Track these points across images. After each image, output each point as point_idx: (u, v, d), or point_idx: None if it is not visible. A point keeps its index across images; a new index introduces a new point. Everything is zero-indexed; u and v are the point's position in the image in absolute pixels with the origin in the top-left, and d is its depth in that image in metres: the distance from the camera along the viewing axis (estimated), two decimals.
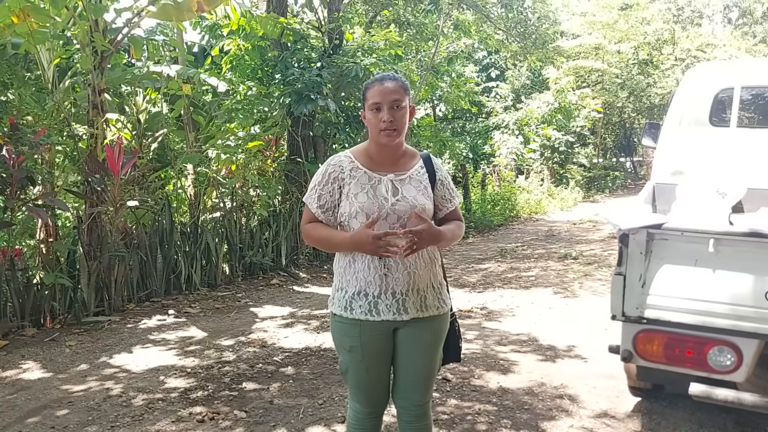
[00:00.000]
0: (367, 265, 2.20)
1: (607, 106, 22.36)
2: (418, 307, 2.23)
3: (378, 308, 2.20)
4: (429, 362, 2.31)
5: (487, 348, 4.83)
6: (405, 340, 2.27)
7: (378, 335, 2.23)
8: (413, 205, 2.21)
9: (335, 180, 2.24)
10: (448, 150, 14.97)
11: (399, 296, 2.20)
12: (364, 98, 2.23)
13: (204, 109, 8.33)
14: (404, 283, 2.20)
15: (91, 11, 5.91)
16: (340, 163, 2.26)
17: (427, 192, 2.28)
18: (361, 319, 2.21)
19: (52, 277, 5.49)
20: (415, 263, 2.22)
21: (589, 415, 3.60)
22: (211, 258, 7.20)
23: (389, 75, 2.24)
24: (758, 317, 2.59)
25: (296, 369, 4.41)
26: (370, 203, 2.19)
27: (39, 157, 6.14)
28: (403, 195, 2.22)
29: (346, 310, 2.24)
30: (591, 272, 7.75)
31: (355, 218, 2.20)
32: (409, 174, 2.28)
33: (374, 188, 2.22)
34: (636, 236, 2.79)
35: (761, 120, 5.22)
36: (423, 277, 2.24)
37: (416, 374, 2.31)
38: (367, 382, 2.31)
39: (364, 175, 2.24)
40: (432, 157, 2.39)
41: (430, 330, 2.28)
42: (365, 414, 2.37)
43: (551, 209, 16.06)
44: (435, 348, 2.33)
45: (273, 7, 8.99)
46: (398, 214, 2.19)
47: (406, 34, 12.79)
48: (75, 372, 4.44)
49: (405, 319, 2.22)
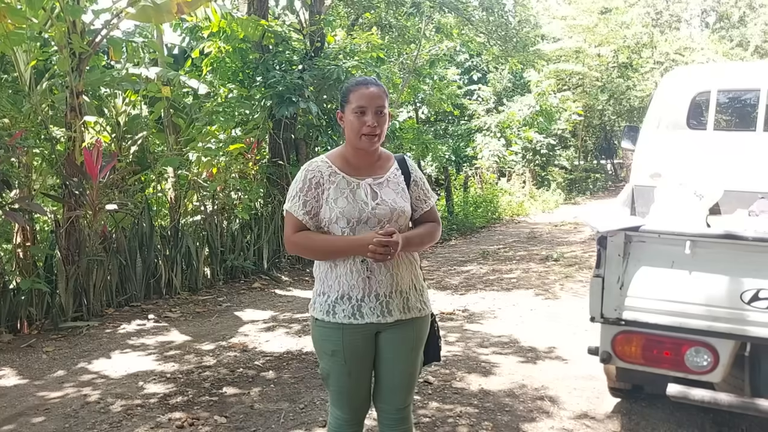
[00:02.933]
0: (350, 269, 2.20)
1: (588, 108, 22.56)
2: (401, 308, 2.25)
3: (362, 311, 2.21)
4: (411, 365, 2.32)
5: (469, 350, 4.84)
6: (388, 342, 2.27)
7: (361, 339, 2.24)
8: (393, 209, 2.23)
9: (317, 185, 2.23)
10: (430, 152, 15.01)
11: (383, 298, 2.21)
12: (346, 100, 2.20)
13: (184, 112, 8.26)
14: (387, 285, 2.21)
15: (69, 12, 5.83)
16: (319, 168, 2.25)
17: (405, 194, 2.30)
18: (344, 323, 2.21)
19: (29, 282, 5.40)
20: (397, 264, 2.23)
21: (570, 416, 3.62)
22: (191, 262, 7.14)
23: (372, 80, 2.24)
24: (734, 318, 2.62)
25: (277, 373, 4.39)
26: (350, 208, 2.19)
27: (15, 160, 6.04)
28: (382, 198, 2.23)
29: (328, 314, 2.23)
30: (572, 274, 7.80)
31: (335, 223, 2.20)
32: (386, 177, 2.30)
33: (353, 193, 2.22)
34: (614, 238, 2.81)
35: (737, 123, 5.30)
36: (405, 279, 2.27)
37: (399, 378, 2.31)
38: (348, 387, 2.29)
39: (342, 180, 2.24)
40: (406, 158, 2.41)
41: (412, 332, 2.29)
42: (346, 421, 2.35)
43: (533, 211, 16.16)
44: (417, 350, 2.34)
45: (254, 9, 8.95)
46: (378, 218, 2.20)
47: (388, 36, 12.80)
48: (52, 378, 4.37)
49: (389, 321, 2.23)
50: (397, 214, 2.24)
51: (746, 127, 4.49)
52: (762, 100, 4.10)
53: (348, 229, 2.19)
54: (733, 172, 3.94)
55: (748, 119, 4.49)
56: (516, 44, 15.24)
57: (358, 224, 2.19)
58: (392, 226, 2.19)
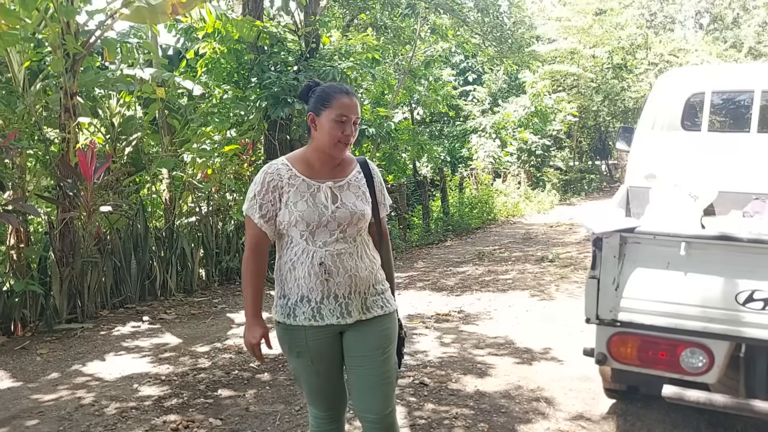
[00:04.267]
0: (308, 271, 2.19)
1: (583, 109, 22.61)
2: (360, 309, 2.25)
3: (321, 313, 2.21)
4: (382, 365, 2.27)
5: (465, 351, 4.84)
6: (351, 343, 2.27)
7: (324, 339, 2.24)
8: (353, 212, 2.23)
9: (275, 189, 2.21)
10: (426, 153, 15.00)
11: (341, 299, 2.21)
12: (327, 105, 2.19)
13: (179, 113, 8.24)
14: (346, 287, 2.21)
15: (63, 13, 5.81)
16: (278, 171, 2.24)
17: (366, 197, 2.31)
18: (305, 326, 2.22)
19: (22, 284, 5.38)
20: (356, 266, 2.23)
21: (565, 417, 3.62)
22: (186, 263, 7.12)
23: (350, 88, 2.26)
24: (729, 319, 2.63)
25: (272, 375, 4.37)
26: (309, 211, 2.19)
27: (9, 161, 6.02)
28: (342, 202, 2.24)
29: (289, 317, 2.24)
30: (567, 275, 7.81)
31: (294, 226, 2.20)
32: (347, 180, 2.30)
33: (313, 196, 2.22)
34: (609, 240, 2.81)
35: (732, 124, 5.32)
36: (364, 280, 2.25)
37: (371, 380, 2.26)
38: (319, 386, 2.31)
39: (303, 183, 2.23)
40: (368, 161, 2.42)
41: (376, 330, 2.27)
42: (324, 418, 2.38)
43: (528, 212, 16.18)
44: (385, 349, 2.29)
45: (249, 10, 8.93)
46: (338, 221, 2.21)
47: (384, 37, 12.79)
48: (46, 381, 4.35)
49: (349, 322, 2.23)
50: (357, 218, 2.24)
51: (740, 128, 4.51)
52: (756, 102, 4.12)
53: (307, 232, 2.19)
54: (727, 174, 3.95)
55: (742, 120, 4.51)
56: (511, 45, 15.26)
57: (318, 227, 2.19)
58: (350, 228, 2.22)
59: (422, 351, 4.82)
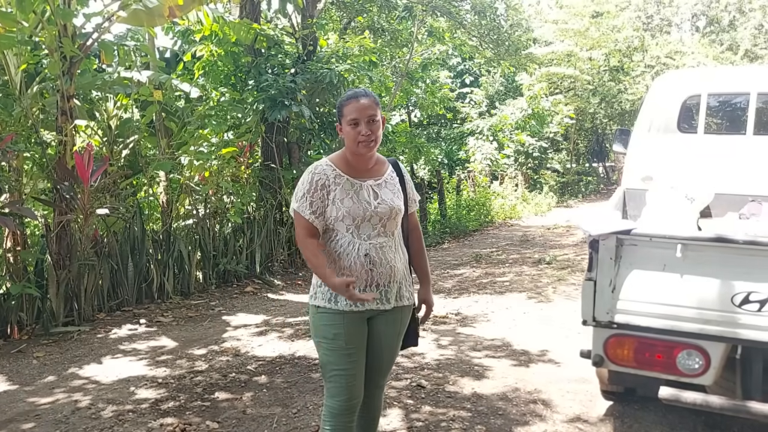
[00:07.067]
0: (354, 261, 2.40)
1: (580, 112, 22.64)
2: (396, 297, 2.50)
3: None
4: (395, 349, 2.60)
5: (462, 354, 4.84)
6: (382, 327, 2.50)
7: (360, 323, 2.44)
8: (392, 207, 2.47)
9: (323, 187, 2.42)
10: (423, 156, 15.03)
11: (382, 288, 2.44)
12: (341, 114, 2.41)
13: (176, 115, 8.23)
14: (386, 276, 2.44)
15: (60, 16, 5.81)
16: (324, 171, 2.44)
17: (400, 194, 2.56)
18: (346, 311, 2.40)
19: (19, 287, 5.36)
20: (394, 258, 2.48)
21: (563, 419, 3.62)
22: (183, 266, 7.10)
23: (362, 91, 2.44)
24: (725, 321, 2.63)
25: (270, 378, 4.37)
26: (355, 207, 2.40)
27: (6, 164, 6.01)
28: (382, 198, 2.47)
29: (330, 302, 2.41)
30: (564, 277, 7.82)
31: (341, 221, 2.41)
32: (384, 179, 2.54)
33: (357, 193, 2.43)
34: (606, 242, 2.82)
35: (728, 126, 5.33)
36: (400, 270, 2.51)
37: (383, 359, 2.56)
38: (348, 369, 2.42)
39: (347, 181, 2.44)
40: (398, 162, 2.68)
41: (399, 318, 2.55)
42: (342, 410, 2.43)
43: (525, 214, 16.19)
44: (401, 335, 2.62)
45: (246, 12, 8.93)
46: (380, 216, 2.44)
47: (381, 40, 12.82)
48: (42, 384, 4.34)
49: (387, 309, 2.47)
50: (395, 212, 2.48)
51: (736, 130, 4.52)
52: (752, 104, 4.13)
53: (353, 226, 2.41)
54: (723, 176, 3.96)
55: (738, 123, 4.52)
56: (508, 48, 15.30)
57: (363, 222, 2.41)
58: (390, 222, 2.45)
59: (419, 353, 4.81)
